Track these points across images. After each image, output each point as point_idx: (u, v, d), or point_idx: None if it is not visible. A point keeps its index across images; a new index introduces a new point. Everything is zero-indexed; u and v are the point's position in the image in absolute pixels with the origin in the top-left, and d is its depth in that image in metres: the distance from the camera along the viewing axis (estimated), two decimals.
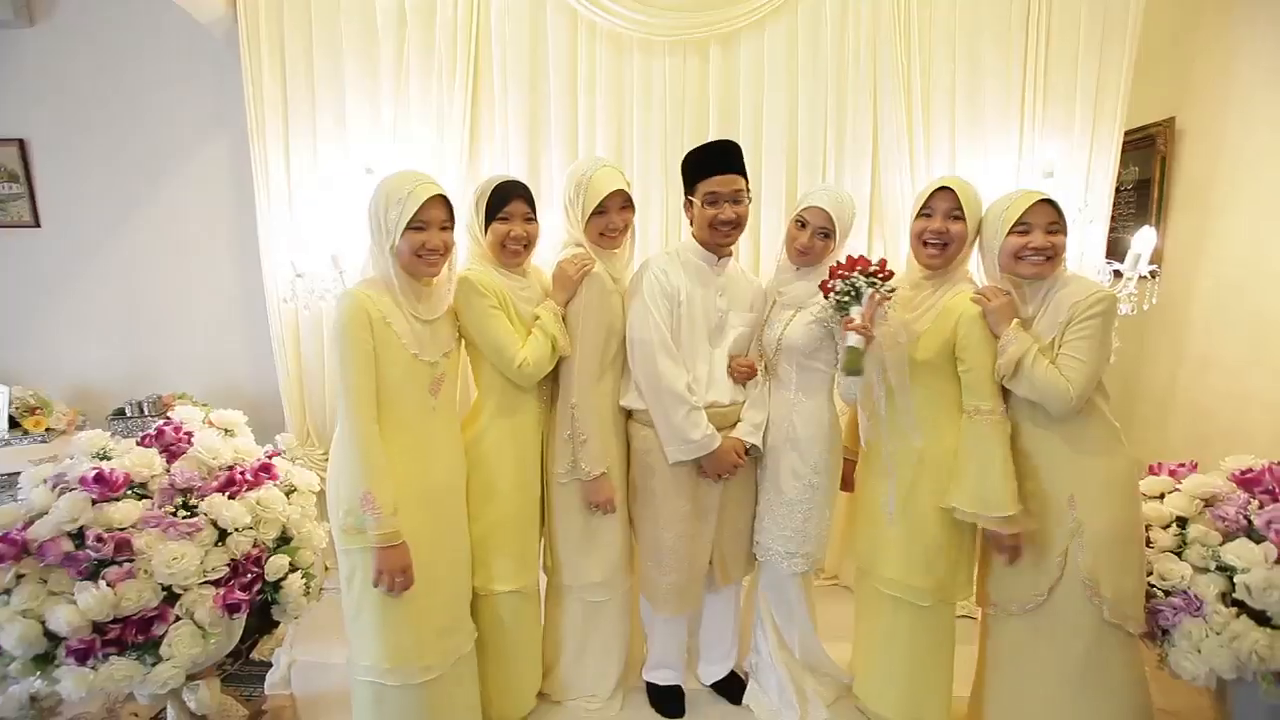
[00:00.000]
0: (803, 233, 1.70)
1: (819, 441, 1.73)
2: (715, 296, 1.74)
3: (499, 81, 2.36)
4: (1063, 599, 1.52)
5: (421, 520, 1.49)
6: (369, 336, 1.41)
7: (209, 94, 2.64)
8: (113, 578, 1.36)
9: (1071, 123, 2.20)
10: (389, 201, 1.42)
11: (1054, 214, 1.50)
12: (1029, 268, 1.51)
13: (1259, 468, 1.57)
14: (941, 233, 1.59)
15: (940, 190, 1.60)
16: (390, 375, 1.45)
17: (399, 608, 1.47)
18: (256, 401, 2.60)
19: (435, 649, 1.54)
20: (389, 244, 1.43)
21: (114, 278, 2.78)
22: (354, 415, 1.40)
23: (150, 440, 1.63)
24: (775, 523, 1.78)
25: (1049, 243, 1.49)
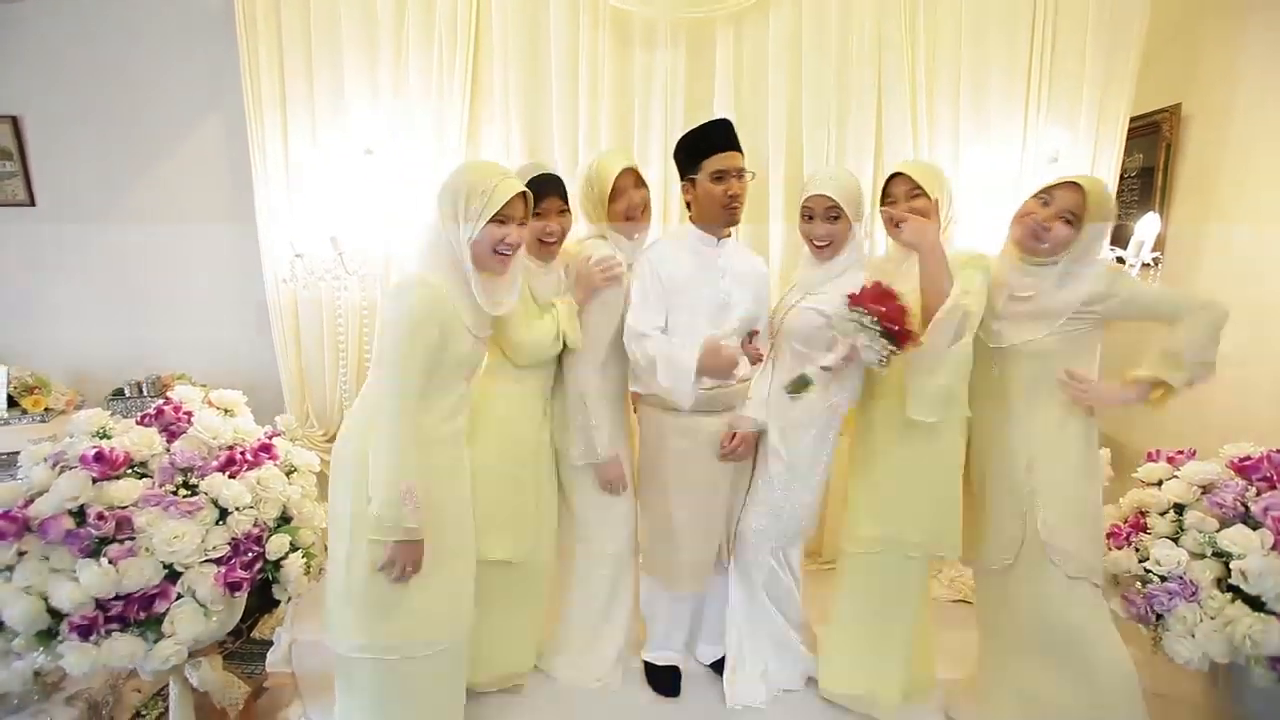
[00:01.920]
0: (813, 224, 1.68)
1: (805, 426, 1.72)
2: (718, 279, 1.74)
3: (499, 62, 2.34)
4: (1029, 561, 1.57)
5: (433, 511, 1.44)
6: (437, 332, 1.37)
7: (205, 71, 2.60)
8: (114, 555, 1.36)
9: (1077, 108, 2.19)
10: (472, 191, 1.37)
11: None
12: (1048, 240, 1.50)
13: (1257, 455, 1.58)
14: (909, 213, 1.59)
15: (895, 176, 1.64)
16: (450, 364, 1.43)
17: (412, 586, 1.44)
18: (255, 382, 2.57)
19: (443, 624, 1.52)
20: (468, 235, 1.38)
21: (111, 257, 2.76)
22: (400, 407, 1.36)
23: (150, 420, 1.62)
24: (756, 498, 1.81)
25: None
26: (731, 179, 1.66)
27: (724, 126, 1.70)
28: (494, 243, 1.40)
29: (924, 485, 1.65)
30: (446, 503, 1.49)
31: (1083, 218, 1.48)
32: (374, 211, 2.28)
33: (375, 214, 2.27)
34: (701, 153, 1.68)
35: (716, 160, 1.66)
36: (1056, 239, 1.49)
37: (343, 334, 2.41)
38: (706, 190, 1.68)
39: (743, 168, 1.68)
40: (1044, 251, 1.52)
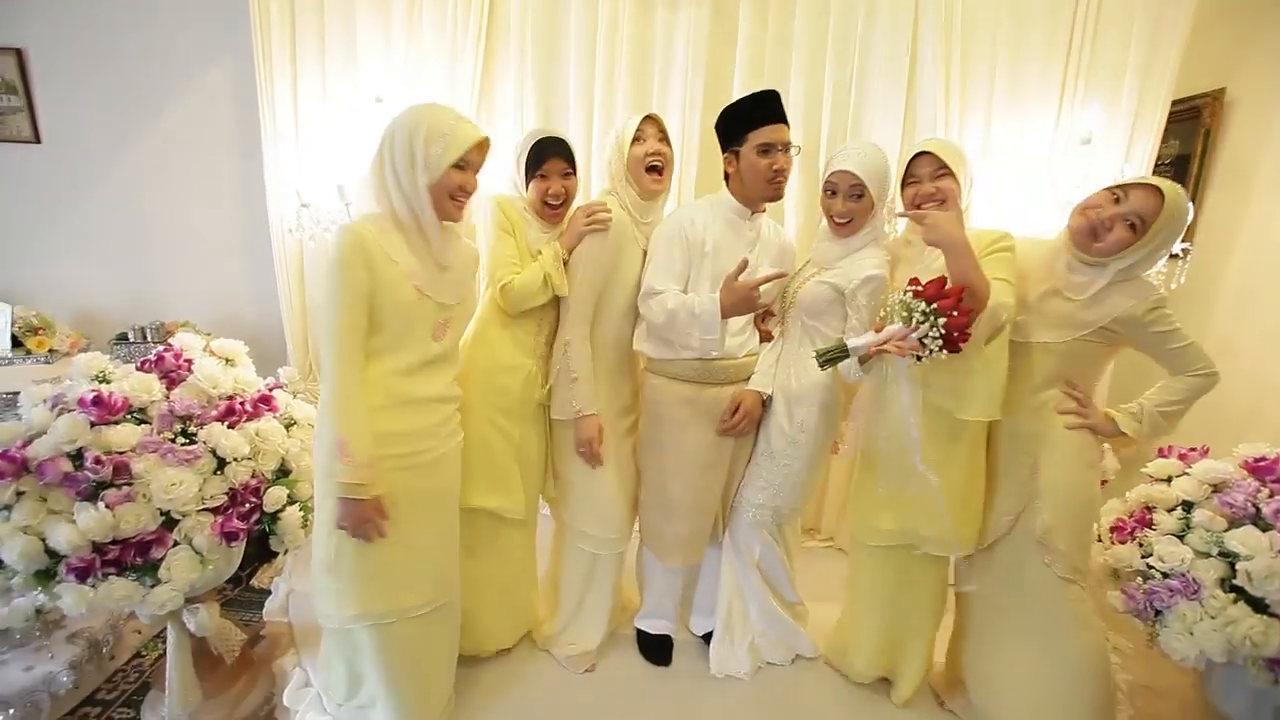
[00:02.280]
0: (835, 200, 1.62)
1: (809, 400, 1.69)
2: (745, 250, 1.69)
3: (516, 16, 2.25)
4: (1010, 556, 1.59)
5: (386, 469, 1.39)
6: (366, 275, 1.31)
7: (218, 11, 2.53)
8: (111, 500, 1.36)
9: (1117, 89, 2.09)
10: (431, 135, 1.31)
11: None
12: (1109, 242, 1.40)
13: (1272, 456, 1.54)
14: (931, 193, 1.54)
15: (919, 155, 1.57)
16: (387, 315, 1.36)
17: (382, 550, 1.41)
18: (259, 333, 2.58)
19: (426, 585, 1.51)
20: (426, 179, 1.32)
21: (116, 199, 2.72)
22: (336, 357, 1.31)
23: (149, 366, 1.60)
24: (754, 472, 1.79)
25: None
26: (778, 153, 1.60)
27: (772, 98, 1.63)
28: (452, 189, 1.35)
29: (945, 483, 1.58)
30: (427, 467, 1.47)
31: (1150, 226, 1.37)
32: None
33: None
34: (748, 124, 1.61)
35: (764, 133, 1.59)
36: (1114, 241, 1.39)
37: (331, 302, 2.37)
38: (751, 164, 1.62)
39: (789, 141, 1.62)
40: (1096, 250, 1.43)
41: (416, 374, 1.43)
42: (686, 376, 1.71)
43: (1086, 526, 1.57)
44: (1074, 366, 1.52)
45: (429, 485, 1.49)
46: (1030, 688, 1.61)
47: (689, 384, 1.71)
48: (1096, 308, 1.45)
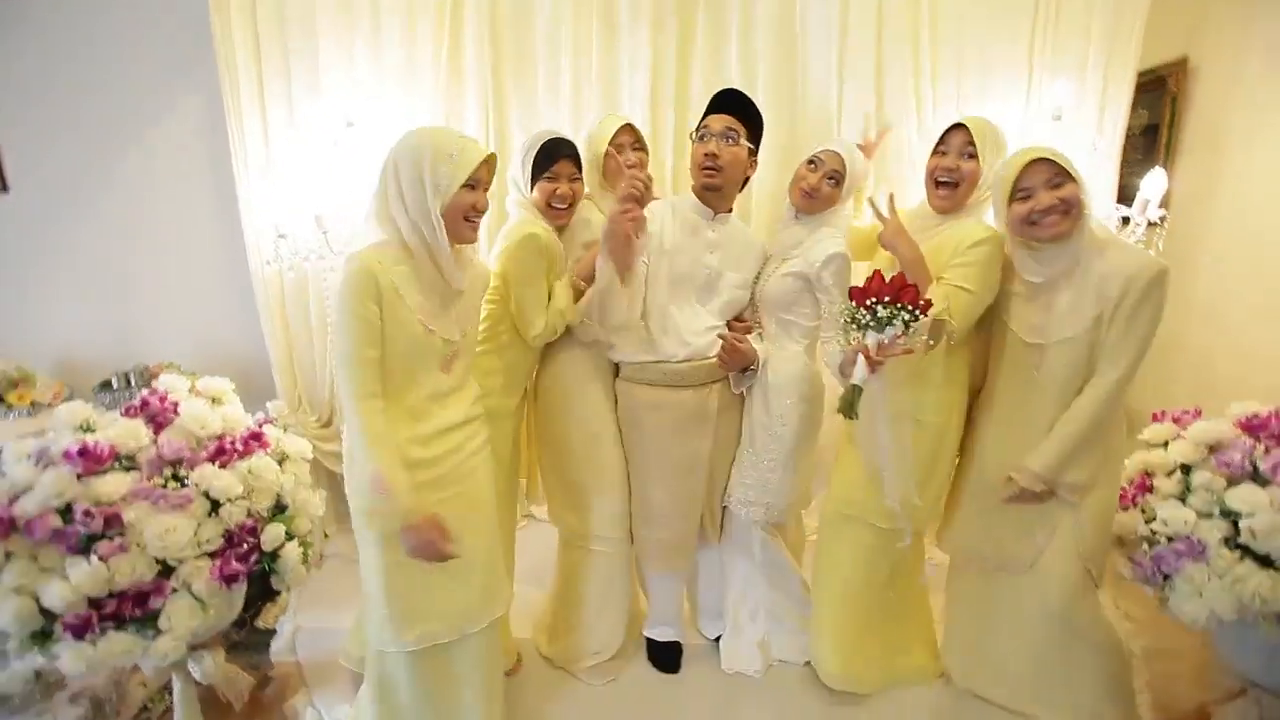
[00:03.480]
0: (813, 172, 1.65)
1: (787, 392, 1.69)
2: (704, 252, 1.69)
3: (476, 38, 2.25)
4: (1049, 564, 1.58)
5: (435, 494, 1.40)
6: (375, 306, 1.28)
7: (179, 50, 2.49)
8: (104, 552, 1.33)
9: (1084, 62, 2.12)
10: (438, 156, 1.28)
11: (1052, 169, 1.41)
12: (1047, 229, 1.43)
13: (1265, 413, 1.55)
14: (953, 169, 1.55)
15: (955, 127, 1.57)
16: (396, 349, 1.33)
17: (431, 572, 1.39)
18: (246, 368, 2.53)
19: (477, 600, 1.49)
20: (439, 203, 1.29)
21: (90, 244, 2.67)
22: (354, 391, 1.29)
23: (135, 411, 1.57)
24: (740, 469, 1.78)
25: (1056, 199, 1.41)
26: (711, 138, 1.61)
27: (727, 93, 1.66)
28: (465, 210, 1.33)
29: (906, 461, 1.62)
30: (456, 485, 1.44)
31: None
32: (357, 189, 2.20)
33: (358, 191, 2.20)
34: (703, 116, 1.65)
35: (706, 120, 1.64)
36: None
37: (331, 315, 2.35)
38: (693, 152, 1.65)
39: (732, 127, 1.61)
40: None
41: (430, 406, 1.40)
42: (655, 381, 1.70)
43: (1110, 521, 1.60)
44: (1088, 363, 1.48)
45: (462, 501, 1.46)
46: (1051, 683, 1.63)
47: (657, 388, 1.70)
48: (1100, 285, 1.42)
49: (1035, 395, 1.55)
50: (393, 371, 1.35)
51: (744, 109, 1.64)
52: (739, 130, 1.62)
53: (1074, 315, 1.46)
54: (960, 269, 1.53)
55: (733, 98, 1.65)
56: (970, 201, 1.59)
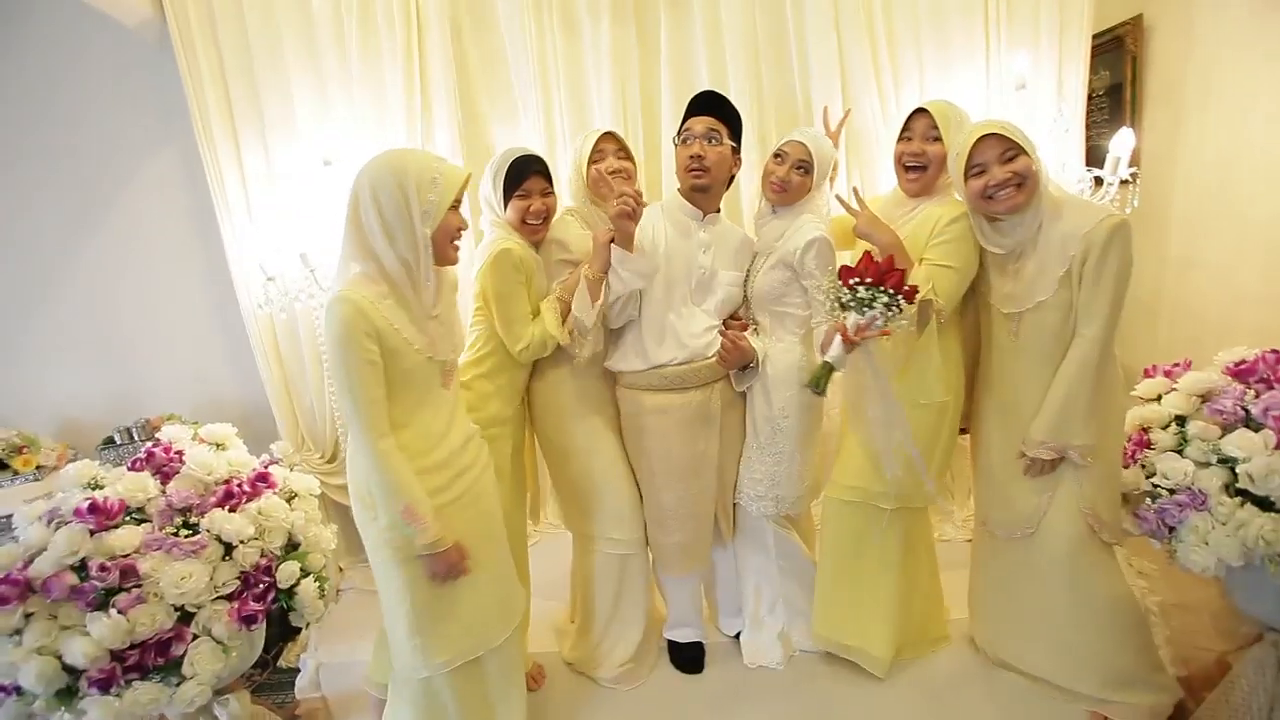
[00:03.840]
0: (780, 165, 1.67)
1: (787, 384, 1.71)
2: (698, 252, 1.71)
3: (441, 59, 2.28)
4: (1052, 524, 1.60)
5: (455, 515, 1.42)
6: (374, 345, 1.28)
7: (150, 101, 2.53)
8: (123, 605, 1.35)
9: (1039, 32, 2.14)
10: (422, 182, 1.27)
11: (1003, 143, 1.44)
12: (1002, 205, 1.47)
13: (1252, 358, 1.57)
14: (919, 154, 1.58)
15: (917, 112, 1.60)
16: (399, 379, 1.34)
17: (454, 593, 1.43)
18: (246, 412, 2.56)
19: (497, 614, 1.51)
20: (429, 228, 1.29)
21: (81, 303, 2.70)
22: (369, 431, 1.30)
23: (141, 464, 1.60)
24: (748, 465, 1.80)
25: (1010, 172, 1.44)
26: (695, 140, 1.64)
27: (704, 95, 1.69)
28: (451, 233, 1.35)
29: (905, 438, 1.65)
30: (470, 502, 1.47)
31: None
32: (340, 225, 2.22)
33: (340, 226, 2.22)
34: (681, 123, 1.68)
35: (687, 123, 1.66)
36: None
37: (325, 352, 2.37)
38: (677, 155, 1.68)
39: (714, 129, 1.64)
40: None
41: (438, 423, 1.42)
42: (656, 385, 1.71)
43: (1118, 489, 1.61)
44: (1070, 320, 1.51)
45: (476, 518, 1.48)
46: (1071, 645, 1.65)
47: (660, 392, 1.72)
48: (1061, 245, 1.46)
49: (1021, 363, 1.58)
50: (402, 401, 1.35)
51: (722, 109, 1.67)
52: (720, 130, 1.65)
53: (1042, 279, 1.49)
54: (939, 247, 1.56)
55: (711, 99, 1.68)
56: (940, 183, 1.62)
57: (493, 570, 1.51)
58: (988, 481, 1.73)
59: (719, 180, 1.69)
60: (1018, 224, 1.51)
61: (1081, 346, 1.48)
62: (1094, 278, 1.43)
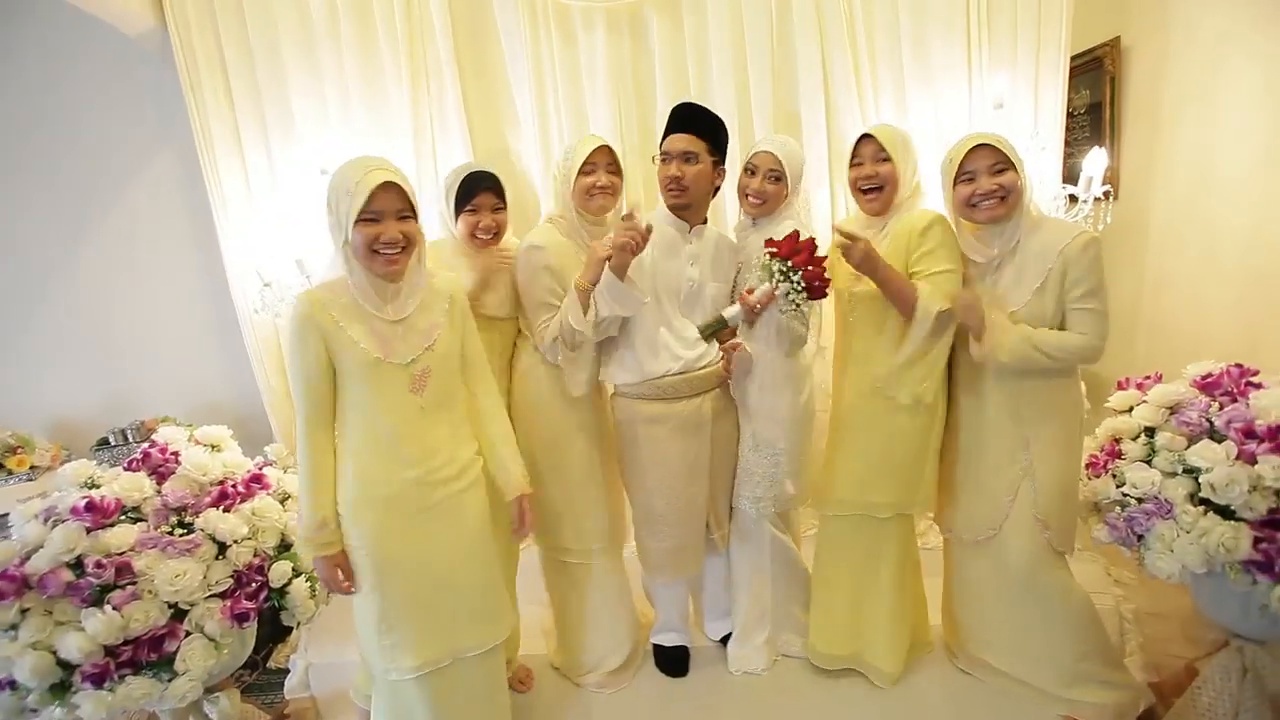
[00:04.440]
0: (753, 179, 1.72)
1: (781, 389, 1.76)
2: (686, 266, 1.74)
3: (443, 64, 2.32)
4: (1010, 531, 1.66)
5: (410, 523, 1.43)
6: (318, 341, 1.34)
7: (150, 108, 2.57)
8: (118, 601, 1.38)
9: (1017, 52, 2.21)
10: (339, 192, 1.30)
11: (995, 155, 1.51)
12: (984, 213, 1.55)
13: (1218, 371, 1.62)
14: (872, 176, 1.64)
15: (864, 138, 1.66)
16: (353, 379, 1.37)
17: (421, 599, 1.45)
18: (240, 416, 2.58)
19: (441, 642, 1.49)
20: (342, 239, 1.32)
21: (78, 307, 2.73)
22: (300, 423, 1.37)
23: (137, 464, 1.63)
24: (746, 468, 1.83)
25: (996, 184, 1.52)
26: (672, 161, 1.67)
27: (680, 110, 1.72)
28: (369, 242, 1.30)
29: (896, 452, 1.72)
30: (439, 513, 1.46)
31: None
32: None
33: None
34: (663, 134, 1.72)
35: (665, 142, 1.71)
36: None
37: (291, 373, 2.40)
38: (658, 173, 1.72)
39: (688, 150, 1.67)
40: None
41: (405, 427, 1.41)
42: (650, 395, 1.75)
43: (1075, 500, 1.66)
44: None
45: (452, 533, 1.47)
46: (1041, 653, 1.72)
47: (654, 402, 1.76)
48: (1038, 259, 1.53)
49: (988, 370, 1.64)
50: (357, 400, 1.38)
51: (699, 123, 1.69)
52: (698, 148, 1.67)
53: (1017, 290, 1.57)
54: (927, 257, 1.62)
55: (687, 114, 1.71)
56: (898, 201, 1.68)
57: (469, 588, 1.51)
58: (951, 486, 1.79)
59: (699, 196, 1.72)
60: (998, 235, 1.58)
61: (1078, 340, 1.53)
62: (1075, 291, 1.51)
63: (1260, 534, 1.38)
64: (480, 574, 1.54)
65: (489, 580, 1.57)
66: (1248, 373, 1.60)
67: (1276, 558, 1.35)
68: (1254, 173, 1.97)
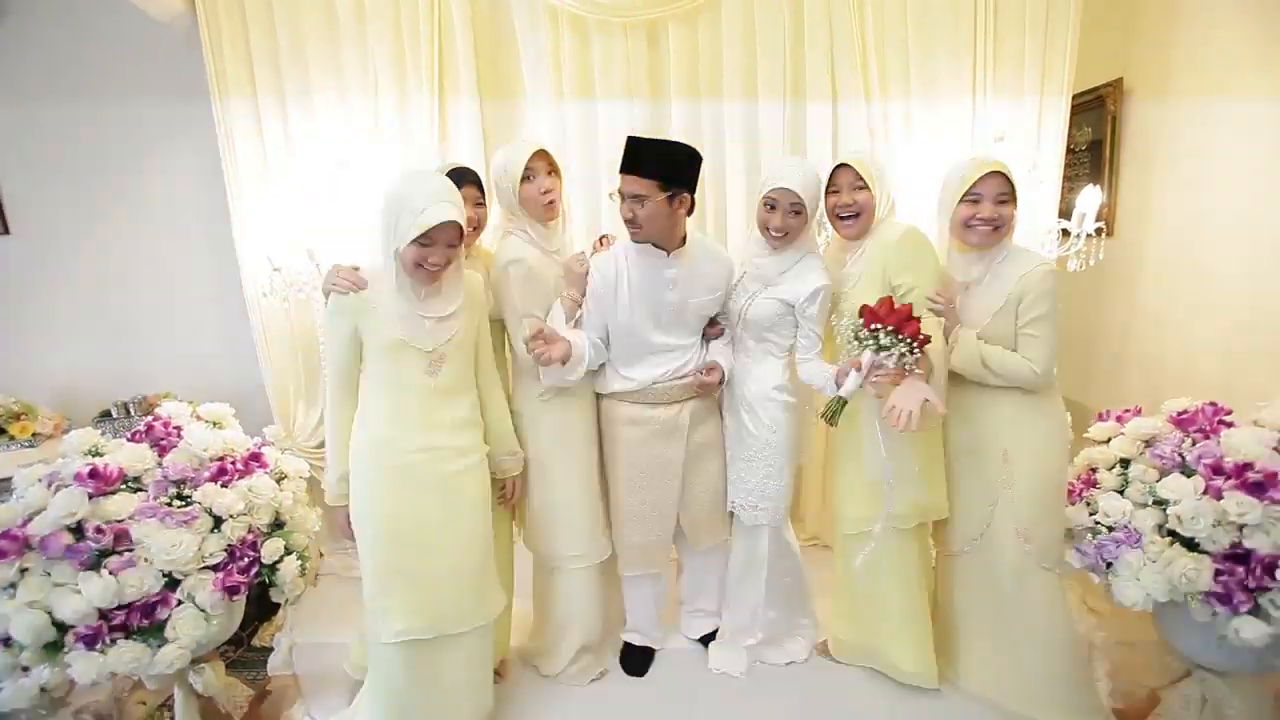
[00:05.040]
0: (774, 215, 1.70)
1: (774, 403, 1.81)
2: (665, 291, 1.74)
3: (465, 66, 2.38)
4: (994, 543, 1.71)
5: (411, 491, 1.54)
6: (349, 321, 1.51)
7: (175, 91, 2.62)
8: (114, 567, 1.42)
9: (1021, 86, 2.27)
10: (402, 209, 1.43)
11: (1005, 185, 1.59)
12: (976, 236, 1.63)
13: (1193, 409, 1.67)
14: (850, 204, 1.70)
15: (840, 167, 1.72)
16: (376, 356, 1.53)
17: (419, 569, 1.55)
18: (241, 397, 2.59)
19: (427, 612, 1.56)
20: (393, 248, 1.46)
21: (90, 281, 2.78)
22: (329, 390, 1.59)
23: (140, 436, 1.68)
24: (739, 477, 1.89)
25: (996, 214, 1.60)
26: (624, 201, 1.65)
27: (626, 147, 1.64)
28: (417, 260, 1.46)
29: (908, 463, 1.74)
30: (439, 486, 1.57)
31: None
32: (349, 223, 2.32)
33: (350, 225, 2.32)
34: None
35: (620, 181, 1.67)
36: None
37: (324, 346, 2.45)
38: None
39: (635, 193, 1.62)
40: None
41: (417, 405, 1.55)
42: (634, 399, 1.83)
43: (1060, 515, 1.70)
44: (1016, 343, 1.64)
45: (445, 510, 1.58)
46: (1012, 671, 1.76)
47: (636, 405, 1.83)
48: (1001, 282, 1.62)
49: (965, 384, 1.71)
50: (377, 375, 1.55)
51: (645, 163, 1.61)
52: (643, 191, 1.61)
53: (980, 309, 1.66)
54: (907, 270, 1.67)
55: (633, 152, 1.62)
56: (873, 225, 1.74)
57: (460, 565, 1.59)
58: None
59: (659, 231, 1.67)
60: (979, 259, 1.67)
61: (1024, 364, 1.60)
62: (1029, 316, 1.60)
63: (1221, 567, 1.42)
64: (472, 554, 1.63)
65: (481, 562, 1.65)
66: (1221, 411, 1.65)
67: (1235, 590, 1.39)
68: (1244, 221, 2.03)
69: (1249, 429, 1.54)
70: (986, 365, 1.63)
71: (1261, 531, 1.39)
